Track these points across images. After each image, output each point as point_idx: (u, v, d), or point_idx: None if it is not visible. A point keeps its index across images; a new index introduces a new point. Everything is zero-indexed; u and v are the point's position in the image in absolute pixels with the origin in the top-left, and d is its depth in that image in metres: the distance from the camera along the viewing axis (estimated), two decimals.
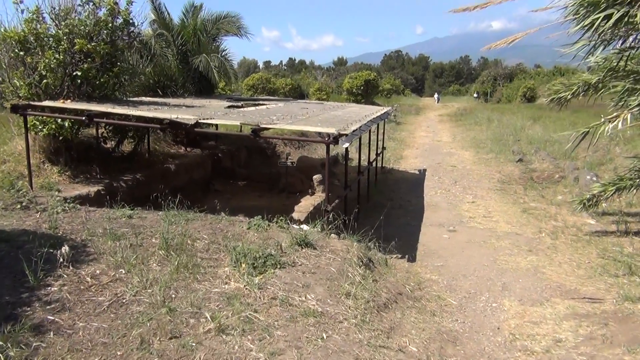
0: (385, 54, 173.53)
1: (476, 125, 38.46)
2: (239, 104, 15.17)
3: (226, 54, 19.06)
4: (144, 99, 14.34)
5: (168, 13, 17.40)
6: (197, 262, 6.71)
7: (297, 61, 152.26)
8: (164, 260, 6.75)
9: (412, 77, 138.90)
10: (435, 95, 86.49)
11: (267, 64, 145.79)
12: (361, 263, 7.67)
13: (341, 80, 59.48)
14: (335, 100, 41.75)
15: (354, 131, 9.86)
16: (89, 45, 11.28)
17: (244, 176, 18.80)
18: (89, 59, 11.43)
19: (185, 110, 11.61)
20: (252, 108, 14.06)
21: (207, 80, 17.94)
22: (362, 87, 48.08)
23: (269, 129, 9.62)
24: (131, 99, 14.00)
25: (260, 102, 17.53)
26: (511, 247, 11.21)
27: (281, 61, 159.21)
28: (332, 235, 9.33)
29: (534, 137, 27.66)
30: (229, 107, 13.85)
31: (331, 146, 9.19)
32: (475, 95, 75.95)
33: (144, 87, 15.97)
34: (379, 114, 15.20)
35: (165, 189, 14.56)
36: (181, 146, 17.43)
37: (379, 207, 15.40)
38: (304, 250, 7.41)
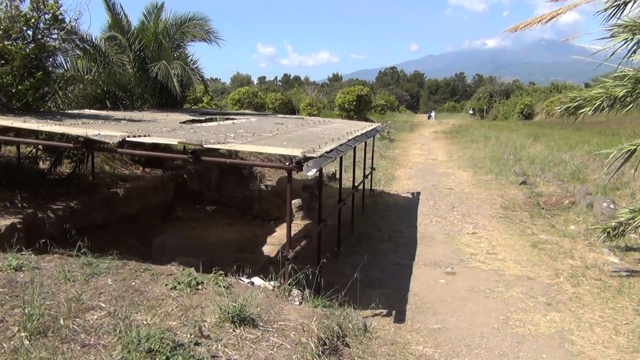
0: (380, 71, 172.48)
1: (473, 142, 36.43)
2: (202, 118, 13.02)
3: (193, 62, 16.93)
4: (86, 111, 12.17)
5: (125, 14, 15.21)
6: (67, 358, 4.42)
7: (292, 77, 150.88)
8: (20, 351, 4.47)
9: (407, 93, 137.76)
10: (431, 113, 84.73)
11: (261, 79, 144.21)
12: (324, 348, 5.40)
13: (333, 96, 57.52)
14: (326, 116, 39.67)
15: (327, 152, 7.68)
16: (1, 44, 9.10)
17: (213, 200, 16.56)
18: (1, 62, 9.24)
19: (122, 126, 9.44)
20: (215, 124, 11.89)
21: (169, 91, 15.80)
22: (354, 103, 46.05)
23: (215, 150, 7.44)
24: (70, 111, 11.82)
25: (231, 116, 15.37)
26: (525, 299, 8.99)
27: (276, 77, 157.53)
28: (294, 291, 7.11)
29: (536, 156, 25.57)
30: (186, 122, 11.68)
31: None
32: (471, 111, 74.28)
33: (91, 97, 13.77)
34: (365, 130, 13.05)
35: (111, 218, 12.36)
36: (139, 166, 15.20)
37: (365, 238, 13.22)
38: (238, 330, 5.14)
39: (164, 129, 9.62)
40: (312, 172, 6.83)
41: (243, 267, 8.24)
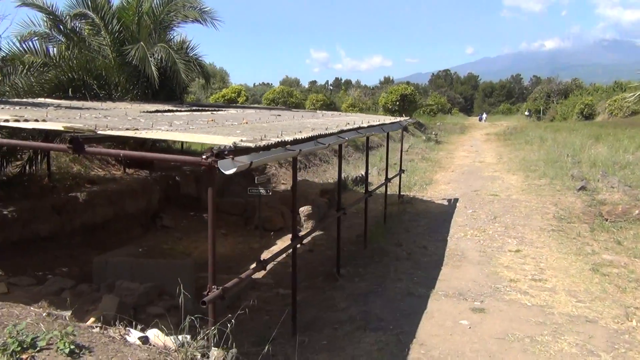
0: (433, 74, 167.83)
1: (527, 144, 33.07)
2: (174, 108, 10.78)
3: (189, 49, 14.72)
4: (43, 100, 10.11)
5: None
6: None
7: (343, 81, 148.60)
8: None
9: (460, 96, 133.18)
10: (483, 115, 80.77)
11: (312, 83, 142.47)
12: None
13: (378, 97, 54.87)
14: None
15: (274, 144, 5.23)
16: None
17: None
18: None
19: (34, 112, 7.25)
20: (183, 114, 9.59)
21: (165, 82, 13.60)
22: (397, 103, 43.27)
23: (109, 136, 5.13)
24: (25, 100, 9.80)
25: (223, 109, 13.06)
26: (581, 355, 6.26)
27: (327, 81, 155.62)
28: (214, 353, 4.72)
29: (597, 159, 22.31)
30: (149, 112, 9.44)
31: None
32: (526, 113, 69.91)
33: (53, 85, 11.71)
34: (375, 123, 10.49)
35: (65, 229, 10.26)
36: (122, 167, 13.12)
37: (379, 256, 10.68)
38: None
39: (99, 116, 7.39)
40: (231, 170, 4.40)
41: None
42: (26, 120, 5.74)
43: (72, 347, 3.85)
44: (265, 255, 11.56)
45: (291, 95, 37.30)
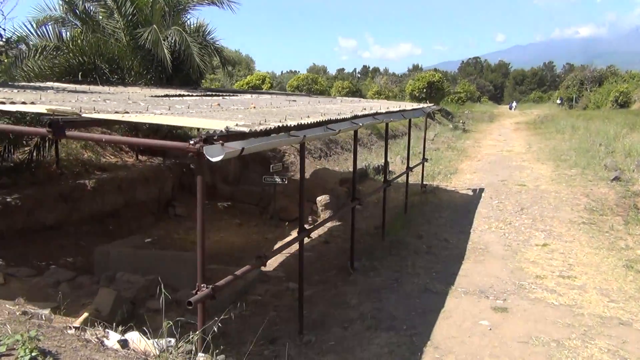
0: (463, 61, 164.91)
1: (558, 133, 31.97)
2: (185, 93, 10.37)
3: (204, 32, 14.24)
4: (47, 84, 9.79)
5: None
6: None
7: (371, 68, 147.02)
8: None
9: (490, 84, 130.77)
10: (512, 103, 79.15)
11: (340, 71, 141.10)
12: None
13: (405, 84, 53.91)
14: None
15: (274, 129, 4.76)
16: None
17: (227, 195, 13.95)
18: None
19: (39, 95, 6.90)
20: (193, 98, 9.16)
21: (181, 67, 13.20)
22: (424, 90, 42.35)
23: (94, 119, 4.71)
24: (30, 84, 9.50)
25: (237, 94, 12.60)
26: None
27: (355, 69, 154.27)
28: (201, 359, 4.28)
29: (632, 148, 21.28)
30: (159, 96, 9.04)
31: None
32: (558, 101, 68.04)
33: (63, 69, 11.39)
34: (394, 109, 9.92)
35: (73, 217, 9.95)
36: (134, 154, 12.78)
37: (397, 249, 10.15)
38: None
39: (98, 100, 7.01)
40: (218, 157, 3.93)
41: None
42: (12, 103, 5.38)
43: (34, 353, 3.44)
44: (279, 245, 11.21)
45: (316, 82, 36.68)
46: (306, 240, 11.40)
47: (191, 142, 4.09)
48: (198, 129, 6.78)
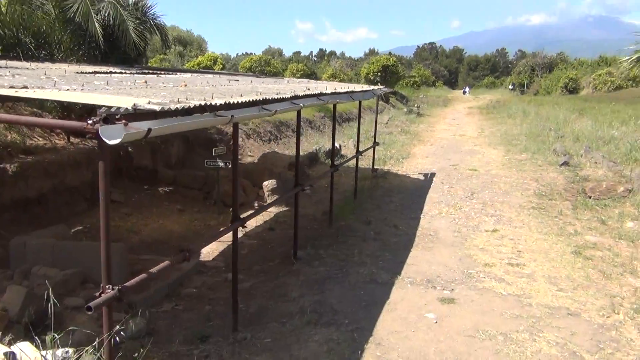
0: (418, 46, 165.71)
1: (509, 118, 32.23)
2: (118, 70, 9.66)
3: (142, 7, 13.34)
4: None
5: None
6: None
7: (327, 52, 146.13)
8: None
9: (445, 69, 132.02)
10: (466, 88, 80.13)
11: (296, 54, 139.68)
12: None
13: (360, 68, 53.55)
14: None
15: (195, 108, 4.22)
16: None
17: (169, 180, 13.27)
18: None
19: None
20: (123, 76, 8.47)
21: (115, 42, 12.33)
22: (379, 74, 42.07)
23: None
24: None
25: (178, 73, 11.90)
26: (562, 357, 5.41)
27: (311, 52, 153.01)
28: None
29: (582, 133, 21.50)
30: (87, 73, 8.31)
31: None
32: (510, 86, 69.16)
33: None
34: (341, 90, 9.45)
35: None
36: (65, 136, 11.94)
37: (345, 236, 9.76)
38: None
39: (6, 75, 6.29)
40: (116, 139, 3.38)
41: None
42: None
43: None
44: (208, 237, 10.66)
45: (269, 64, 35.89)
46: (250, 227, 10.95)
47: (89, 121, 3.52)
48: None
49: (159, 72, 10.91)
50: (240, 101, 5.09)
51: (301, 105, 6.71)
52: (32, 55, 10.83)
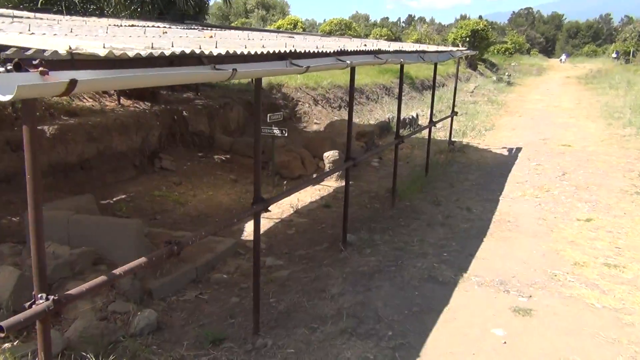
0: (514, 12, 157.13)
1: (611, 89, 29.16)
2: (162, 25, 8.74)
3: None
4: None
5: None
6: None
7: (416, 18, 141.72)
8: None
9: (541, 36, 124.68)
10: (563, 56, 74.89)
11: (384, 20, 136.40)
12: None
13: (447, 34, 50.82)
14: None
15: (183, 55, 3.10)
16: None
17: (226, 147, 12.43)
18: None
19: None
20: (154, 29, 7.50)
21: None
22: (467, 39, 39.44)
23: None
24: None
25: (227, 29, 10.86)
26: None
27: (399, 18, 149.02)
28: None
29: None
30: (117, 26, 7.42)
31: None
32: (614, 55, 63.49)
33: None
34: (408, 49, 8.05)
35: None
36: (115, 98, 11.28)
37: (407, 219, 8.51)
38: None
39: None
40: (9, 95, 2.29)
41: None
42: None
43: None
44: (272, 208, 9.68)
45: (350, 27, 34.36)
46: (303, 202, 9.89)
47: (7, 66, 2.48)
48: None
49: (214, 28, 9.92)
50: (254, 52, 3.93)
51: (347, 62, 5.45)
52: (79, 10, 10.13)
